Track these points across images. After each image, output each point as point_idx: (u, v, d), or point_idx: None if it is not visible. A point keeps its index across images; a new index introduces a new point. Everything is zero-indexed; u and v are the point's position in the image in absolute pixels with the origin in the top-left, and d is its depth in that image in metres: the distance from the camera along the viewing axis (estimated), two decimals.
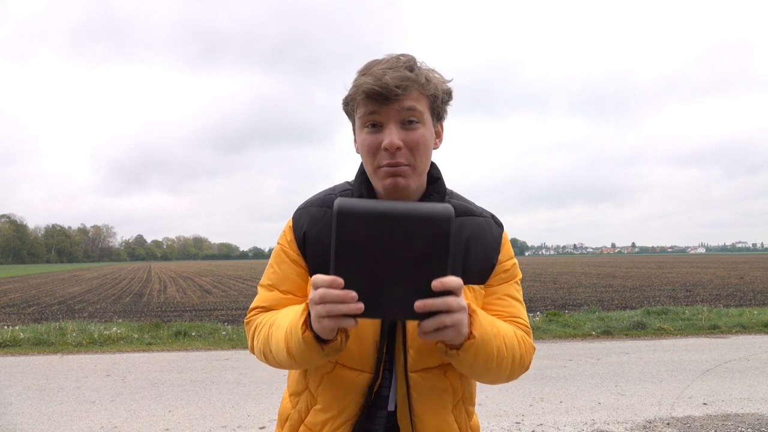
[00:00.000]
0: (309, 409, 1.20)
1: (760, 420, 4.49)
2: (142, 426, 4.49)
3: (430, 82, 1.09)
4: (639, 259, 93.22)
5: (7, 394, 5.44)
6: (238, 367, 6.53)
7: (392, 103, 1.06)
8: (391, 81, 1.04)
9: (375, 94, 1.05)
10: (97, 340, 8.43)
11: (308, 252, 1.18)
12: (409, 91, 1.06)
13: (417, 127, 1.09)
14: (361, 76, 1.09)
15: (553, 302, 14.74)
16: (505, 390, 5.34)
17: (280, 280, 1.21)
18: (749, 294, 16.43)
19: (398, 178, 1.09)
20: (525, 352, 1.16)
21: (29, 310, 15.14)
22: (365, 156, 1.12)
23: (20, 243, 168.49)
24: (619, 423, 4.46)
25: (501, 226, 1.25)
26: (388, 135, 1.07)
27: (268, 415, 4.70)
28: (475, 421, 1.30)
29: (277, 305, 1.20)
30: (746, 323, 9.48)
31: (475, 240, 1.19)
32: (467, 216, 1.21)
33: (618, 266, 46.96)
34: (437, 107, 1.13)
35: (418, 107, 1.08)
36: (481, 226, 1.21)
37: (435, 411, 1.17)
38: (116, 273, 49.63)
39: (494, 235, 1.21)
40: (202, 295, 20.70)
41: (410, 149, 1.08)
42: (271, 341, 1.11)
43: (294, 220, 1.22)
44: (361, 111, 1.09)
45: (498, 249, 1.21)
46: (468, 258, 1.17)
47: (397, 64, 1.07)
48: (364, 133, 1.10)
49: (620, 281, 24.66)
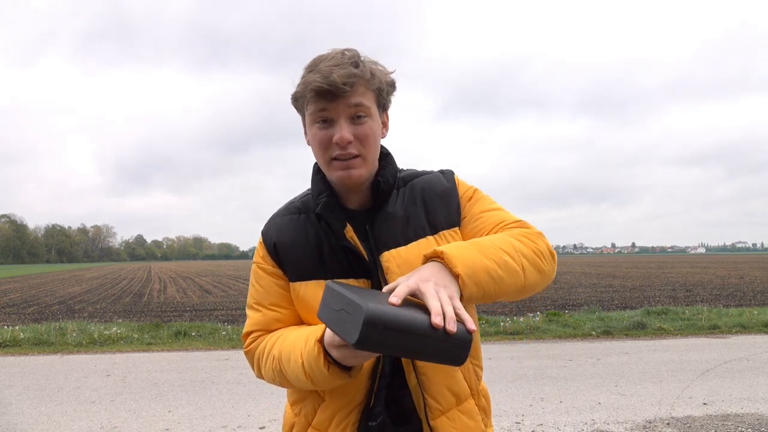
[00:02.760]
0: (316, 410, 1.19)
1: (760, 420, 4.49)
2: (142, 426, 4.49)
3: (374, 76, 1.13)
4: (639, 259, 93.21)
5: (7, 394, 5.44)
6: (238, 367, 6.53)
7: (341, 99, 1.09)
8: (338, 79, 1.07)
9: (324, 91, 1.08)
10: (97, 340, 8.43)
11: (283, 260, 1.21)
12: (355, 87, 1.09)
13: (365, 120, 1.12)
14: (309, 73, 1.11)
15: (553, 302, 14.74)
16: (505, 390, 5.34)
17: (262, 296, 1.23)
18: (749, 294, 16.42)
19: (351, 170, 1.13)
20: (531, 242, 1.13)
21: (29, 310, 15.13)
22: (317, 149, 1.16)
23: (20, 243, 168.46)
24: (619, 423, 4.46)
25: (449, 172, 1.29)
26: (338, 130, 1.11)
27: (268, 415, 4.69)
28: (484, 387, 1.28)
29: (268, 325, 1.21)
30: (746, 323, 9.47)
31: (428, 193, 1.23)
32: (417, 177, 1.27)
33: (618, 266, 46.94)
34: (382, 99, 1.17)
35: (365, 102, 1.12)
36: (431, 181, 1.26)
37: (442, 367, 1.14)
38: (116, 273, 49.61)
39: (444, 182, 1.26)
40: (202, 295, 20.69)
41: (360, 141, 1.13)
42: (288, 375, 1.11)
43: (263, 234, 1.26)
44: (312, 108, 1.12)
45: (454, 189, 1.25)
46: (428, 209, 1.21)
47: (343, 61, 1.09)
48: (315, 128, 1.14)
49: (620, 281, 24.66)
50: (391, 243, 1.17)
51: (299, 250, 1.19)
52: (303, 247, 1.19)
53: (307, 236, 1.20)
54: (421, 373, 1.14)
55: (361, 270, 1.16)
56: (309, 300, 1.16)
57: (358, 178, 1.15)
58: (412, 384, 1.15)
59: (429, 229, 1.20)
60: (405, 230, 1.18)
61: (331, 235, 1.17)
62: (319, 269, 1.17)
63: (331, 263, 1.17)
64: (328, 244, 1.18)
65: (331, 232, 1.17)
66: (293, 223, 1.22)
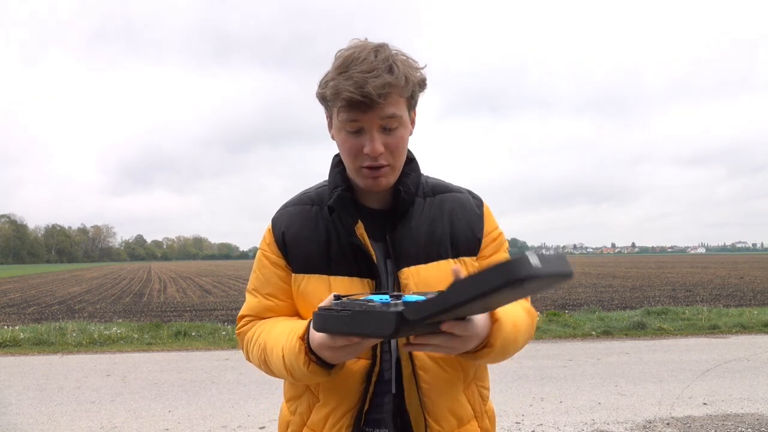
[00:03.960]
0: (311, 409, 1.17)
1: (760, 420, 4.49)
2: (142, 426, 4.49)
3: (408, 81, 1.07)
4: (639, 259, 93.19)
5: (7, 394, 5.44)
6: (238, 367, 6.53)
7: (373, 111, 1.05)
8: (373, 90, 1.02)
9: (356, 103, 1.03)
10: (97, 340, 8.43)
11: (289, 251, 1.19)
12: (390, 98, 1.05)
13: (396, 130, 1.09)
14: (340, 76, 1.05)
15: (553, 302, 14.73)
16: (505, 390, 5.34)
17: (261, 284, 1.22)
18: (749, 294, 16.41)
19: (380, 179, 1.12)
20: (532, 321, 1.19)
21: (29, 310, 15.13)
22: (346, 156, 1.13)
23: (20, 243, 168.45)
24: (619, 423, 4.46)
25: (479, 199, 1.28)
26: (369, 142, 1.07)
27: (268, 415, 4.70)
28: (490, 407, 1.26)
29: (261, 312, 1.22)
30: (746, 323, 9.47)
31: (457, 213, 1.21)
32: (446, 193, 1.24)
33: (618, 266, 46.92)
34: (413, 101, 1.13)
35: (397, 113, 1.07)
36: (461, 201, 1.24)
37: (446, 390, 1.14)
38: (116, 273, 49.61)
39: (474, 208, 1.24)
40: (202, 295, 20.68)
41: (391, 152, 1.10)
42: (271, 366, 1.13)
43: (273, 222, 1.23)
44: (342, 116, 1.07)
45: (481, 220, 1.23)
46: (453, 231, 1.19)
47: (376, 65, 1.03)
48: (344, 134, 1.10)
49: (620, 281, 24.64)
50: (411, 258, 1.15)
51: (307, 242, 1.17)
52: (311, 239, 1.17)
53: (316, 229, 1.18)
54: (424, 395, 1.13)
55: (367, 270, 1.14)
56: (309, 294, 1.15)
57: (386, 186, 1.14)
58: (413, 404, 1.13)
59: (451, 251, 1.18)
60: (427, 247, 1.16)
61: (341, 231, 1.15)
62: (324, 264, 1.15)
63: (337, 259, 1.15)
64: (337, 239, 1.15)
65: (341, 228, 1.15)
66: (304, 214, 1.20)
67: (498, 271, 0.78)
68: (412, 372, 1.12)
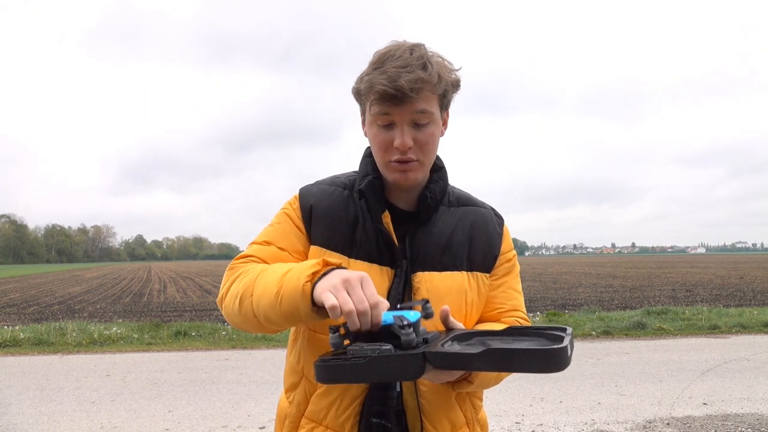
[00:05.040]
0: (309, 399, 1.15)
1: (760, 420, 4.49)
2: (142, 426, 4.49)
3: (441, 79, 1.09)
4: (639, 259, 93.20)
5: (7, 394, 5.44)
6: (238, 367, 6.53)
7: (405, 105, 1.07)
8: (405, 84, 1.04)
9: (389, 96, 1.05)
10: (97, 340, 8.43)
11: (314, 224, 1.18)
12: (422, 93, 1.07)
13: (427, 126, 1.11)
14: (374, 71, 1.08)
15: (553, 302, 14.73)
16: (505, 390, 5.34)
17: (279, 237, 1.18)
18: (749, 294, 16.41)
19: (408, 173, 1.12)
20: None
21: (29, 310, 15.13)
22: (376, 150, 1.14)
23: (20, 243, 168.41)
24: (619, 423, 4.46)
25: (501, 218, 1.29)
26: (399, 135, 1.09)
27: (268, 415, 4.69)
28: (483, 416, 1.27)
29: (271, 259, 1.14)
30: (746, 323, 9.48)
31: (478, 229, 1.23)
32: (470, 206, 1.26)
33: (618, 266, 46.93)
34: (446, 100, 1.15)
35: (428, 108, 1.09)
36: (483, 216, 1.25)
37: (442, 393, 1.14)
38: (116, 273, 49.60)
39: (496, 226, 1.26)
40: (202, 295, 20.68)
41: (420, 147, 1.11)
42: (257, 284, 1.02)
43: (302, 193, 1.22)
44: (375, 109, 1.10)
45: (500, 239, 1.25)
46: (472, 245, 1.20)
47: (411, 62, 1.06)
48: (376, 128, 1.12)
49: (620, 281, 24.64)
50: (427, 264, 1.15)
51: (335, 220, 1.17)
52: (340, 219, 1.17)
53: (347, 210, 1.18)
54: (422, 397, 1.13)
55: (388, 258, 1.15)
56: None
57: (413, 181, 1.14)
58: (410, 406, 1.13)
59: (466, 264, 1.19)
60: (444, 256, 1.17)
61: (368, 217, 1.16)
62: (347, 245, 1.15)
63: (361, 243, 1.15)
64: (363, 224, 1.16)
65: (368, 214, 1.16)
66: (336, 194, 1.20)
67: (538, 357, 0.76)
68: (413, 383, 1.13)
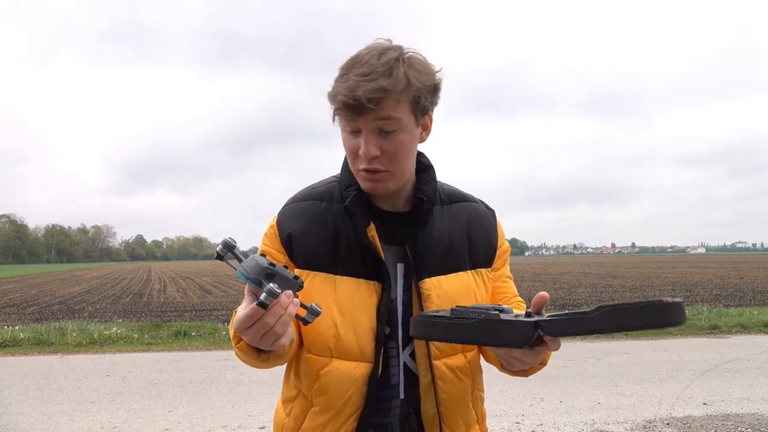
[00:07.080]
0: (305, 414, 1.15)
1: (760, 420, 4.49)
2: (142, 426, 4.49)
3: (410, 84, 1.03)
4: (639, 259, 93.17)
5: (7, 394, 5.44)
6: (238, 367, 6.53)
7: (366, 113, 1.02)
8: (362, 95, 1.00)
9: (349, 106, 1.02)
10: (97, 340, 8.44)
11: (295, 249, 1.14)
12: (384, 102, 1.01)
13: (394, 134, 1.06)
14: (340, 78, 1.05)
15: (553, 302, 14.73)
16: (505, 390, 5.34)
17: None
18: (749, 294, 16.41)
19: (376, 183, 1.09)
20: None
21: (29, 310, 15.13)
22: (348, 156, 1.13)
23: (20, 243, 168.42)
24: (619, 423, 4.46)
25: (492, 210, 1.28)
26: (364, 144, 1.05)
27: (268, 415, 4.70)
28: (484, 410, 1.28)
29: None
30: (746, 323, 9.48)
31: (475, 225, 1.22)
32: (463, 202, 1.24)
33: (618, 266, 46.92)
34: (421, 106, 1.08)
35: (394, 115, 1.04)
36: (477, 212, 1.24)
37: (461, 398, 1.15)
38: (116, 273, 49.59)
39: (489, 219, 1.26)
40: (202, 295, 20.68)
41: (388, 157, 1.07)
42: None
43: (279, 217, 1.19)
44: (340, 117, 1.07)
45: (496, 232, 1.25)
46: (471, 242, 1.20)
47: (376, 68, 1.01)
48: (345, 134, 1.10)
49: (620, 281, 24.64)
50: (433, 269, 1.14)
51: (315, 240, 1.13)
52: (319, 236, 1.13)
53: (325, 226, 1.14)
54: (442, 404, 1.12)
55: (375, 272, 1.11)
56: (312, 292, 1.11)
57: (383, 191, 1.11)
58: (429, 414, 1.13)
59: (468, 263, 1.18)
60: (448, 258, 1.16)
61: (351, 230, 1.12)
62: (330, 262, 1.12)
63: (345, 259, 1.12)
64: (345, 238, 1.12)
65: (351, 227, 1.13)
66: (313, 209, 1.16)
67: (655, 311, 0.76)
68: (431, 381, 1.12)
